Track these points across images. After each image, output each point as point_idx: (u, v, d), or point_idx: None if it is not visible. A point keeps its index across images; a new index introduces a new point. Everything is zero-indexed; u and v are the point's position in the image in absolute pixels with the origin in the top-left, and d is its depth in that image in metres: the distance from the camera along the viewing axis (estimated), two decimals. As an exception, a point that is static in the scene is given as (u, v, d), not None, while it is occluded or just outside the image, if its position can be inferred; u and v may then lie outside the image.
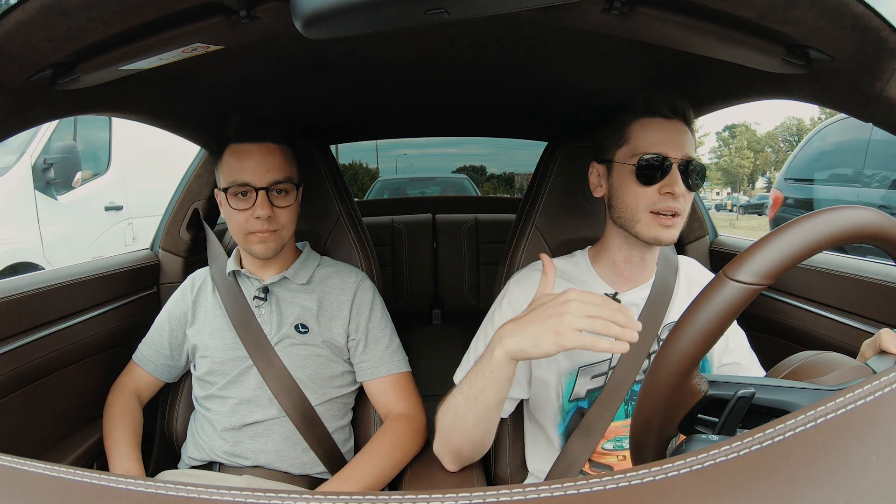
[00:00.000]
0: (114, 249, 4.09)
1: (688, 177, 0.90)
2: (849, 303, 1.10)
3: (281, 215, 1.07)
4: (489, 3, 0.56)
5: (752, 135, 49.64)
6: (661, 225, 0.90)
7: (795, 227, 0.51)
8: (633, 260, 0.98)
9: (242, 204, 1.06)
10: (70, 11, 0.61)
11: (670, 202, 0.90)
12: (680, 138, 0.91)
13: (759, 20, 0.65)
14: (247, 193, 1.05)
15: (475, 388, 0.80)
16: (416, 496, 0.33)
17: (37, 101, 0.78)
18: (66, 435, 1.15)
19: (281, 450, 1.07)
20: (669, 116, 0.92)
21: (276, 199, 1.07)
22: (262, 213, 1.04)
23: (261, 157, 1.06)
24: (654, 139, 0.92)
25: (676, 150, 0.90)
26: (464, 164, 12.34)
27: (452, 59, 1.04)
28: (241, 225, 1.06)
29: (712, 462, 0.34)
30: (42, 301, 1.09)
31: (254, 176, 1.05)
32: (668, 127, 0.92)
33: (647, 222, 0.91)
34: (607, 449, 0.94)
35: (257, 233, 1.06)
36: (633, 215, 0.93)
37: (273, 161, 1.07)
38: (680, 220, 0.92)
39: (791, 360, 0.63)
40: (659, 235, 0.91)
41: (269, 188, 1.05)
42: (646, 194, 0.91)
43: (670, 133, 0.92)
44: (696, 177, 0.91)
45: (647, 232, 0.92)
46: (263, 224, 1.05)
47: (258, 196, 1.04)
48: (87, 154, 4.21)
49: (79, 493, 0.36)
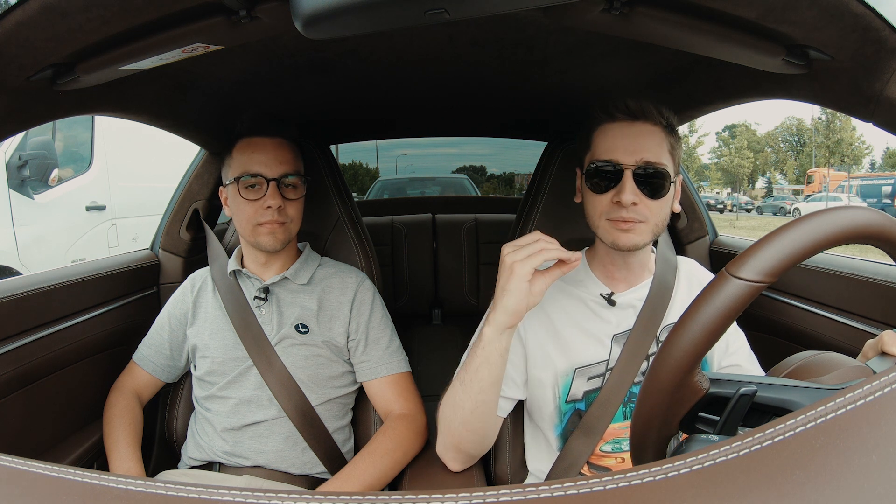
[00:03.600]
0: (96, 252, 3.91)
1: (647, 184, 0.86)
2: (849, 303, 1.10)
3: (290, 208, 1.10)
4: (489, 3, 0.56)
5: (752, 135, 49.67)
6: (618, 229, 0.88)
7: (798, 225, 0.51)
8: (618, 263, 0.97)
9: (253, 195, 1.07)
10: (70, 11, 0.61)
11: (622, 212, 0.86)
12: (639, 142, 0.87)
13: (759, 20, 0.65)
14: (257, 185, 1.07)
15: (470, 370, 0.82)
16: (416, 496, 0.33)
17: (37, 101, 0.78)
18: (66, 435, 1.15)
19: (281, 450, 1.07)
20: (630, 120, 0.89)
21: (286, 191, 1.09)
22: (272, 202, 1.06)
23: (273, 150, 1.09)
24: (609, 145, 0.90)
25: (631, 155, 0.87)
26: (464, 164, 12.36)
27: (452, 59, 1.04)
28: (251, 216, 1.08)
29: (712, 462, 0.34)
30: (42, 301, 1.09)
31: (266, 168, 1.07)
32: (628, 132, 0.89)
33: (605, 228, 0.91)
34: (606, 451, 0.94)
35: (266, 224, 1.07)
36: (594, 223, 0.93)
37: (284, 154, 1.10)
38: (644, 227, 0.88)
39: (791, 360, 0.63)
40: (615, 240, 0.89)
41: (280, 179, 1.08)
42: (601, 202, 0.90)
43: (628, 137, 0.88)
44: (657, 184, 0.86)
45: (605, 237, 0.91)
46: (273, 214, 1.07)
47: (269, 187, 1.06)
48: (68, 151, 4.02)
49: (79, 493, 0.36)
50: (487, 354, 0.80)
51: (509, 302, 0.77)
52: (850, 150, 39.03)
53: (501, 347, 0.80)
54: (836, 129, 38.53)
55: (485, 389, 0.83)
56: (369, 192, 5.76)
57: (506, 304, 0.77)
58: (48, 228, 3.65)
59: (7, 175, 3.40)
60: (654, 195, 0.87)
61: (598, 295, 0.97)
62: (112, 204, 4.21)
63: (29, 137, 3.57)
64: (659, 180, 0.87)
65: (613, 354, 0.94)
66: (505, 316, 0.78)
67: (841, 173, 33.54)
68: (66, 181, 3.88)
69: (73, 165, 4.04)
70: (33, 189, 3.58)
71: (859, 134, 39.59)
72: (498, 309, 0.78)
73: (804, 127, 45.52)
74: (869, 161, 44.60)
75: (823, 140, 39.52)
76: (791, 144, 47.94)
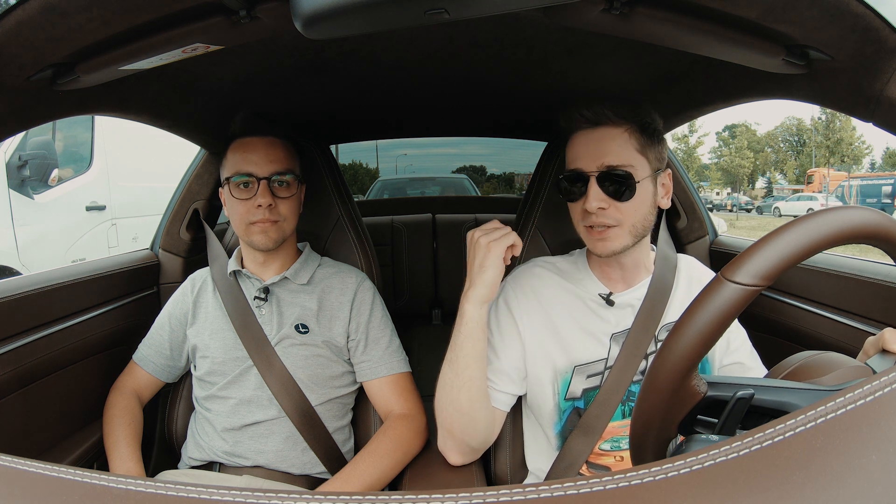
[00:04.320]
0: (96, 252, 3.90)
1: (612, 187, 0.88)
2: (849, 303, 1.10)
3: (282, 206, 1.10)
4: (489, 3, 0.56)
5: (752, 135, 49.68)
6: (594, 238, 0.91)
7: (794, 227, 0.51)
8: (612, 264, 0.98)
9: (244, 194, 1.08)
10: (70, 11, 0.61)
11: (592, 218, 0.89)
12: (600, 147, 0.89)
13: (759, 20, 0.65)
14: (249, 184, 1.08)
15: (455, 348, 0.89)
16: (416, 496, 0.33)
17: (37, 101, 0.78)
18: (66, 435, 1.15)
19: (281, 450, 1.07)
20: (591, 127, 0.91)
21: (278, 189, 1.10)
22: (262, 200, 1.06)
23: (264, 150, 1.09)
24: (573, 154, 0.93)
25: (593, 161, 0.89)
26: (464, 164, 12.37)
27: (452, 59, 1.04)
28: (243, 215, 1.08)
29: (712, 462, 0.34)
30: (42, 301, 1.09)
31: (256, 167, 1.08)
32: (590, 138, 0.91)
33: (584, 235, 0.94)
34: (605, 450, 0.94)
35: (258, 223, 1.08)
36: (576, 228, 0.96)
37: (275, 153, 1.10)
38: (619, 231, 0.89)
39: (791, 360, 0.63)
40: (593, 247, 0.93)
41: (271, 178, 1.08)
42: (575, 211, 0.94)
43: (590, 144, 0.90)
44: (622, 185, 0.87)
45: (587, 244, 0.94)
46: (265, 213, 1.07)
47: (259, 185, 1.07)
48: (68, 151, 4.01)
49: (79, 493, 0.36)
50: (470, 330, 0.87)
51: (488, 276, 0.85)
52: (850, 150, 39.03)
53: (481, 321, 0.87)
54: (836, 129, 38.53)
55: (470, 364, 0.87)
56: (369, 192, 5.76)
57: (485, 278, 0.85)
58: (48, 228, 3.65)
59: (7, 175, 3.39)
60: (621, 197, 0.88)
61: (597, 295, 0.97)
62: (112, 204, 4.20)
63: (29, 137, 3.55)
64: (623, 182, 0.88)
65: (612, 353, 0.94)
66: (484, 289, 0.85)
67: (841, 173, 33.55)
68: (66, 181, 3.87)
69: (73, 165, 4.03)
70: (33, 189, 3.57)
71: (859, 134, 39.60)
72: (477, 284, 0.86)
73: (804, 127, 45.54)
74: (869, 161, 44.64)
75: (823, 140, 39.53)
76: (791, 144, 47.95)
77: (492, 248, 0.84)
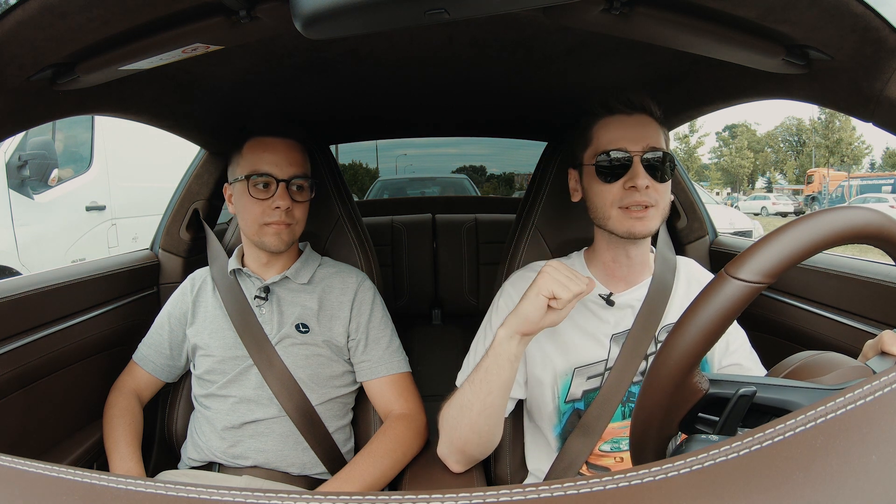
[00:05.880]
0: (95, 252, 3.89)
1: (654, 168, 0.90)
2: (849, 303, 1.10)
3: (297, 210, 1.11)
4: (489, 3, 0.56)
5: (752, 135, 49.70)
6: (633, 217, 0.90)
7: (797, 226, 0.51)
8: (621, 259, 0.98)
9: (262, 194, 1.08)
10: (70, 11, 0.61)
11: (637, 196, 0.89)
12: (641, 131, 0.92)
13: (759, 20, 0.65)
14: (267, 185, 1.08)
15: (480, 371, 0.85)
16: (416, 496, 0.33)
17: (37, 101, 0.78)
18: (66, 435, 1.15)
19: (280, 449, 1.07)
20: (629, 112, 0.93)
21: (295, 193, 1.10)
22: (281, 203, 1.06)
23: (284, 151, 1.10)
24: (613, 136, 0.93)
25: (636, 143, 0.90)
26: (464, 165, 12.37)
27: (452, 58, 1.04)
28: (258, 216, 1.08)
29: (712, 462, 0.34)
30: (42, 301, 1.09)
31: (276, 168, 1.08)
32: (629, 122, 0.93)
33: (617, 217, 0.92)
34: (604, 451, 0.94)
35: (273, 224, 1.08)
36: (603, 213, 0.94)
37: (295, 156, 1.11)
38: (655, 212, 0.91)
39: (791, 360, 0.63)
40: (631, 228, 0.91)
41: (290, 181, 1.09)
42: (611, 191, 0.92)
43: (630, 128, 0.92)
44: (663, 167, 0.91)
45: (619, 227, 0.92)
46: (281, 215, 1.07)
47: (278, 187, 1.07)
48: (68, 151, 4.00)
49: (79, 493, 0.36)
50: (497, 355, 0.83)
51: (525, 308, 0.81)
52: (850, 149, 39.05)
53: (511, 352, 0.83)
54: (836, 129, 38.54)
55: (493, 392, 0.84)
56: (369, 192, 5.77)
57: (522, 308, 0.81)
58: (48, 228, 3.64)
59: (7, 175, 3.38)
60: (662, 179, 0.91)
61: (597, 295, 0.97)
62: (112, 204, 4.19)
63: (29, 137, 3.55)
64: (664, 164, 0.91)
65: (612, 354, 0.94)
66: (516, 320, 0.82)
67: (841, 173, 33.56)
68: (66, 181, 3.86)
69: (73, 165, 4.02)
70: (33, 189, 3.57)
71: (859, 134, 39.62)
72: (520, 313, 0.82)
73: (804, 127, 45.54)
74: (869, 161, 44.65)
75: (823, 140, 39.53)
76: (791, 144, 47.96)
77: (548, 291, 0.80)
